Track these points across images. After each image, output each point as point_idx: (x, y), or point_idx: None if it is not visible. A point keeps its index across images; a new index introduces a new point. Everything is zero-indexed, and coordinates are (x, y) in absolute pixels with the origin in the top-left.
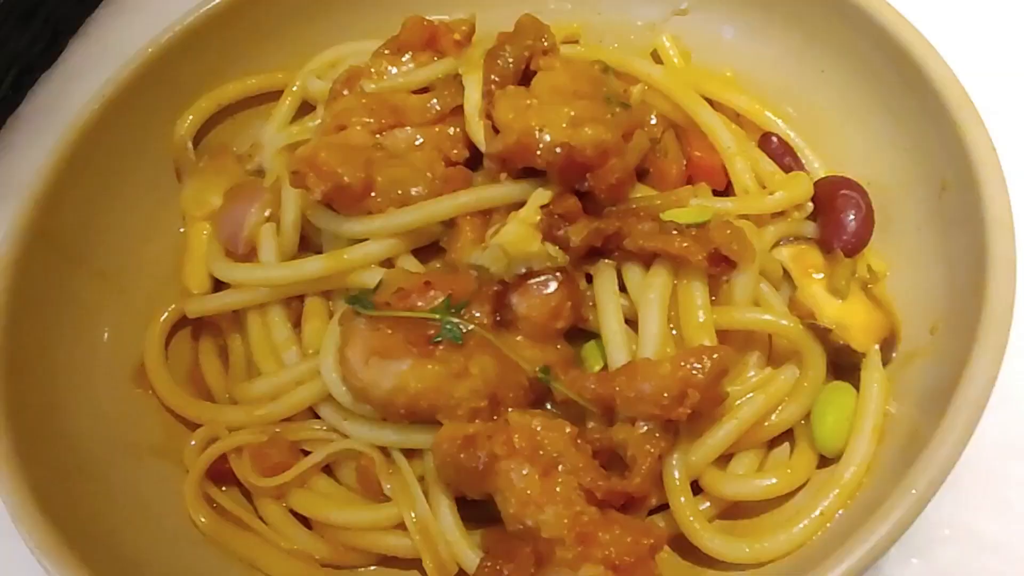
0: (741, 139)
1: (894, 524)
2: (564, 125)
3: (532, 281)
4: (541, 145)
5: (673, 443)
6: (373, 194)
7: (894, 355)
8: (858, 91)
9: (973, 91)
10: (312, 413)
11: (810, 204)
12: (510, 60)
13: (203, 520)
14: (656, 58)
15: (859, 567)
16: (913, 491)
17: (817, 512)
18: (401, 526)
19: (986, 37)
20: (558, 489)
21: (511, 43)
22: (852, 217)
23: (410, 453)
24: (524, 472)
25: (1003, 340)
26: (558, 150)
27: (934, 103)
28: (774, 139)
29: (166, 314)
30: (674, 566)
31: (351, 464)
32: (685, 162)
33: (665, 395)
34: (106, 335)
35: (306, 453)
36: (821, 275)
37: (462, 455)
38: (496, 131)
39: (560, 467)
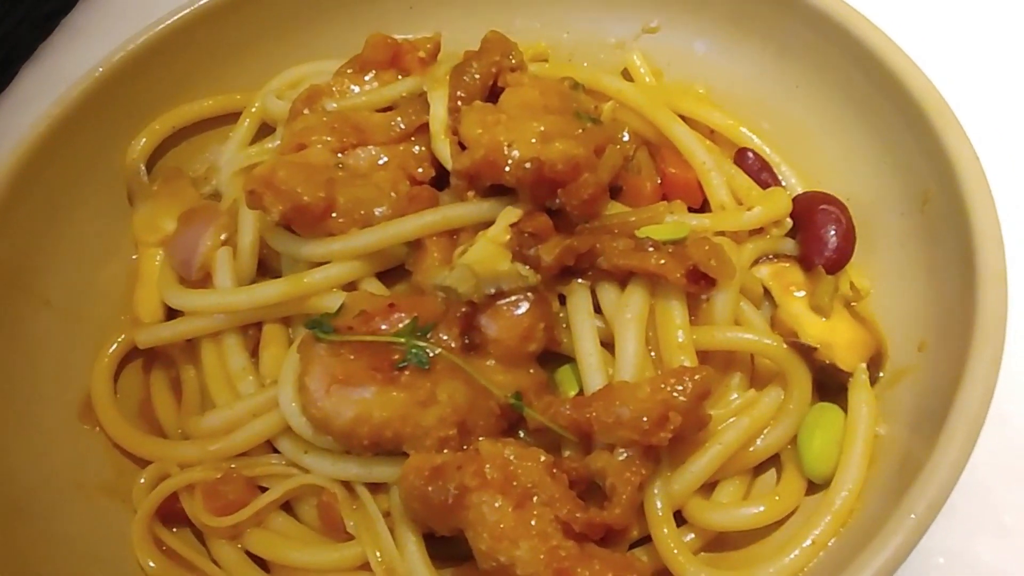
0: (716, 155)
1: (893, 551)
2: (533, 140)
3: (502, 302)
4: (510, 161)
5: (654, 470)
6: (334, 215)
7: (881, 374)
8: (834, 104)
9: (951, 100)
10: (270, 447)
11: (789, 220)
12: (477, 76)
13: (152, 564)
14: (627, 76)
15: None
16: (912, 516)
17: (808, 541)
18: (366, 566)
19: (960, 45)
20: (533, 522)
21: (478, 60)
22: (833, 232)
23: (374, 487)
24: (496, 505)
25: (997, 355)
26: (528, 165)
27: (913, 113)
28: (750, 154)
29: (115, 345)
30: None
31: (312, 500)
32: (659, 179)
33: (645, 419)
34: (51, 367)
35: (263, 490)
36: (802, 293)
37: (430, 488)
38: (463, 148)
39: (535, 499)
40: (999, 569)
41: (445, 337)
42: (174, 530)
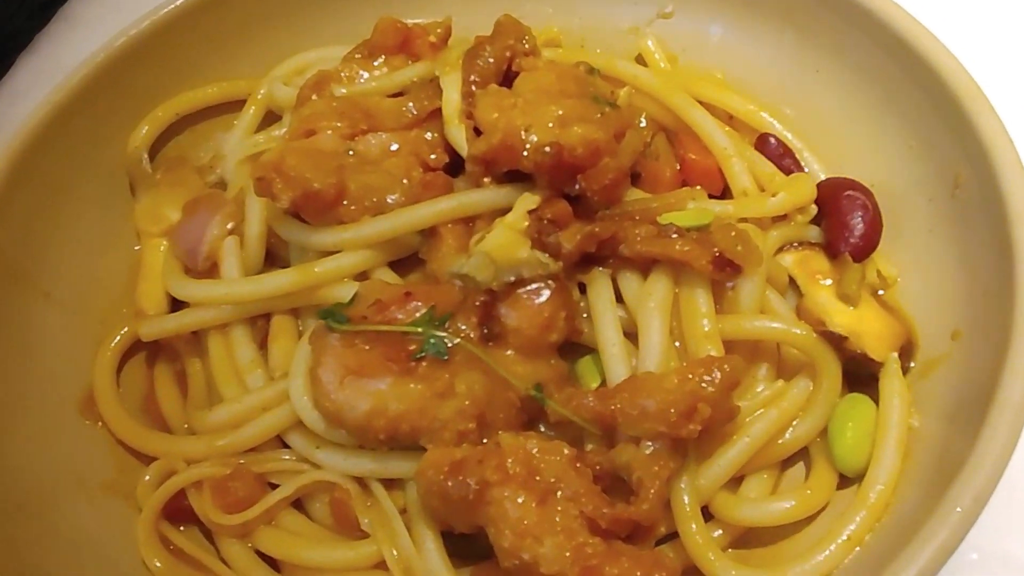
0: (737, 141)
1: (939, 546)
2: (551, 124)
3: (522, 290)
4: (528, 145)
5: (682, 464)
6: (345, 202)
7: (912, 364)
8: (857, 88)
9: (979, 80)
10: (280, 442)
11: (814, 207)
12: (491, 60)
13: (158, 564)
14: (641, 62)
15: None
16: (958, 509)
17: (843, 537)
18: (381, 565)
19: (987, 22)
20: (558, 518)
21: (491, 44)
22: (859, 219)
23: (390, 483)
24: (519, 500)
25: None
26: (547, 150)
27: (941, 95)
28: (772, 140)
29: (118, 337)
30: None
31: (324, 497)
32: (678, 165)
33: (672, 411)
34: (51, 361)
35: (274, 486)
36: (829, 281)
37: (449, 483)
38: (478, 133)
39: (559, 494)
40: None
41: (463, 327)
42: (181, 528)
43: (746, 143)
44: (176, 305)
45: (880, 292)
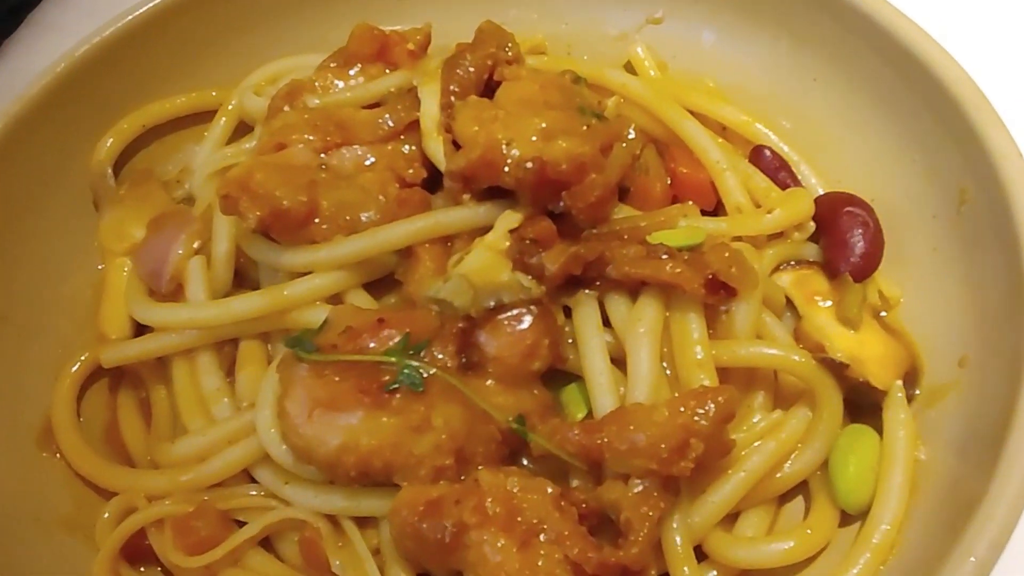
0: (730, 154)
1: None
2: (534, 138)
3: (503, 316)
4: (509, 160)
5: (674, 503)
6: (317, 220)
7: (917, 391)
8: (856, 98)
9: (985, 91)
10: (247, 477)
11: (811, 224)
12: (471, 69)
13: None
14: (630, 70)
15: None
16: (972, 559)
17: None
18: None
19: (992, 32)
20: (540, 563)
21: (472, 52)
22: (859, 236)
23: (363, 522)
24: (499, 544)
25: None
26: (529, 165)
27: (946, 106)
28: (767, 152)
29: (78, 364)
30: None
31: (293, 536)
32: (669, 179)
33: (663, 447)
34: (6, 388)
35: (240, 524)
36: (828, 303)
37: (424, 524)
38: (457, 147)
39: (542, 536)
40: None
41: (440, 356)
42: (141, 569)
43: (740, 156)
44: (140, 329)
45: (882, 314)
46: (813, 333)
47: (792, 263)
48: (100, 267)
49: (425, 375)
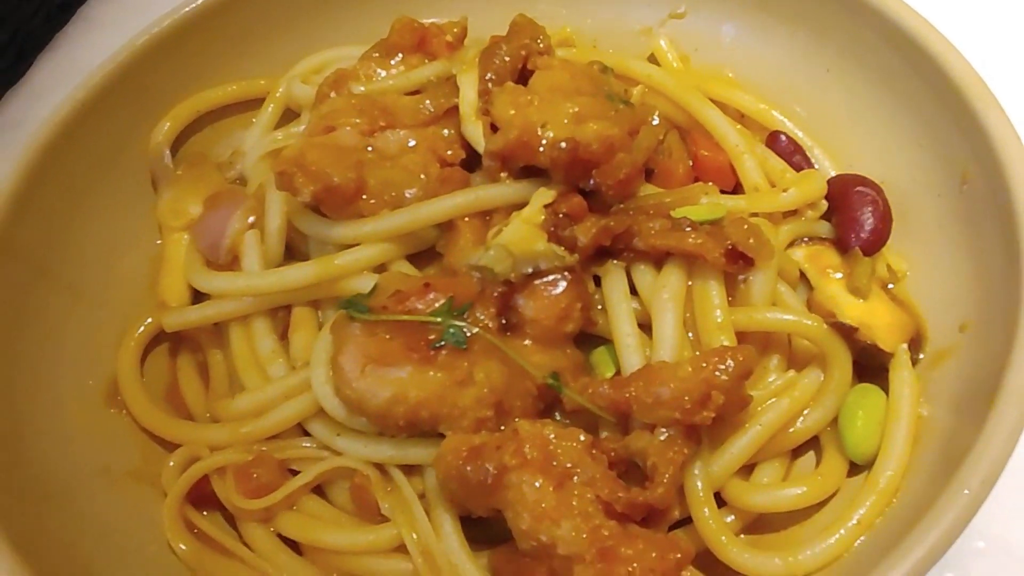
0: (748, 138)
1: (947, 527)
2: (567, 121)
3: (539, 282)
4: (544, 141)
5: (696, 451)
6: (364, 196)
7: (921, 356)
8: (867, 87)
9: (987, 79)
10: (301, 430)
11: (824, 202)
12: (507, 58)
13: (183, 547)
14: (654, 62)
15: (915, 574)
16: (966, 491)
17: (853, 521)
18: (401, 548)
19: (995, 24)
20: (574, 502)
21: (507, 42)
22: (869, 214)
23: (409, 469)
24: (537, 484)
25: None
26: (563, 145)
27: (950, 93)
28: (782, 137)
29: (141, 328)
30: None
31: (344, 483)
32: (691, 162)
33: (687, 399)
34: (76, 352)
35: (295, 472)
36: (839, 275)
37: (468, 468)
38: (495, 129)
39: (575, 478)
40: None
41: (482, 317)
42: (205, 513)
43: (757, 140)
44: (198, 297)
45: (890, 286)
46: (825, 302)
47: (806, 240)
48: (158, 242)
49: (468, 334)
